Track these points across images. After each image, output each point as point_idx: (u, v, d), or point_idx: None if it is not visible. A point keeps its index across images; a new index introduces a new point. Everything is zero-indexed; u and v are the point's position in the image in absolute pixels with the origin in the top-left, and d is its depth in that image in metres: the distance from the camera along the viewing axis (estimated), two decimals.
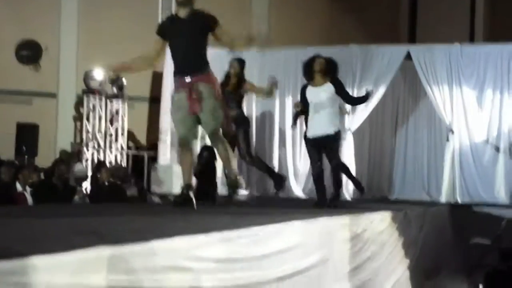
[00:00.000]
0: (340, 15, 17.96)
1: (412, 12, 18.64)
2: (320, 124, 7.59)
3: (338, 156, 7.88)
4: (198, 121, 6.01)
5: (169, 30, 6.02)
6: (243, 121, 8.79)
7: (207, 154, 11.07)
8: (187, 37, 5.89)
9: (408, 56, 11.89)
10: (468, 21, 17.19)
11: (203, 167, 10.48)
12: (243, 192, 5.89)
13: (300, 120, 9.15)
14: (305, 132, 7.97)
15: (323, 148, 7.70)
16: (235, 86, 8.70)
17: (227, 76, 8.75)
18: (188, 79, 5.86)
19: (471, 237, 9.26)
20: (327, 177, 7.89)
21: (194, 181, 11.93)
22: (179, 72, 5.99)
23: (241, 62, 8.81)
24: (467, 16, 17.26)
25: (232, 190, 6.14)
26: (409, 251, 7.36)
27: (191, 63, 5.90)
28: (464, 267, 9.86)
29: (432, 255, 8.65)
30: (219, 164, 8.41)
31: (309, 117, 7.74)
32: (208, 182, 8.77)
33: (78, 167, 11.35)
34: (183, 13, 5.97)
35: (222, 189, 8.86)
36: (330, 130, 7.59)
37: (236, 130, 8.42)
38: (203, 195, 9.56)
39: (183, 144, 6.06)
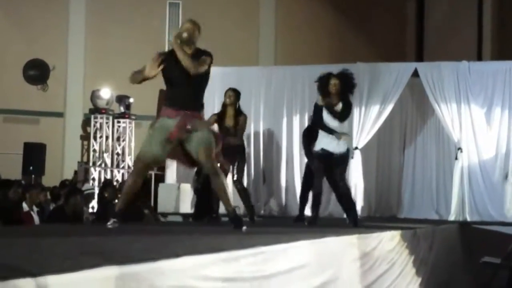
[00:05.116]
0: (348, 33, 18.00)
1: (419, 30, 18.65)
2: (332, 141, 7.65)
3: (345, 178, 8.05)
4: (165, 153, 5.79)
5: (169, 64, 5.77)
6: (242, 151, 8.71)
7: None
8: (189, 75, 5.67)
9: (416, 73, 11.86)
10: (475, 39, 17.16)
11: (203, 184, 10.41)
12: (244, 228, 5.76)
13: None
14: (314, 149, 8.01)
15: (332, 165, 7.74)
16: (232, 118, 8.55)
17: (224, 106, 8.66)
18: (186, 112, 5.69)
19: (480, 256, 9.16)
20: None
21: (192, 198, 11.88)
22: (174, 106, 5.75)
23: (236, 92, 8.67)
24: (474, 34, 17.23)
25: (235, 225, 5.77)
26: (419, 270, 7.30)
27: (190, 100, 5.76)
28: (474, 286, 9.77)
29: (442, 274, 8.58)
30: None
31: (321, 134, 7.80)
32: (208, 199, 8.70)
33: (86, 186, 11.05)
34: (187, 49, 5.80)
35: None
36: (342, 148, 7.71)
37: (234, 158, 8.25)
38: (204, 212, 9.50)
39: (140, 167, 5.73)
